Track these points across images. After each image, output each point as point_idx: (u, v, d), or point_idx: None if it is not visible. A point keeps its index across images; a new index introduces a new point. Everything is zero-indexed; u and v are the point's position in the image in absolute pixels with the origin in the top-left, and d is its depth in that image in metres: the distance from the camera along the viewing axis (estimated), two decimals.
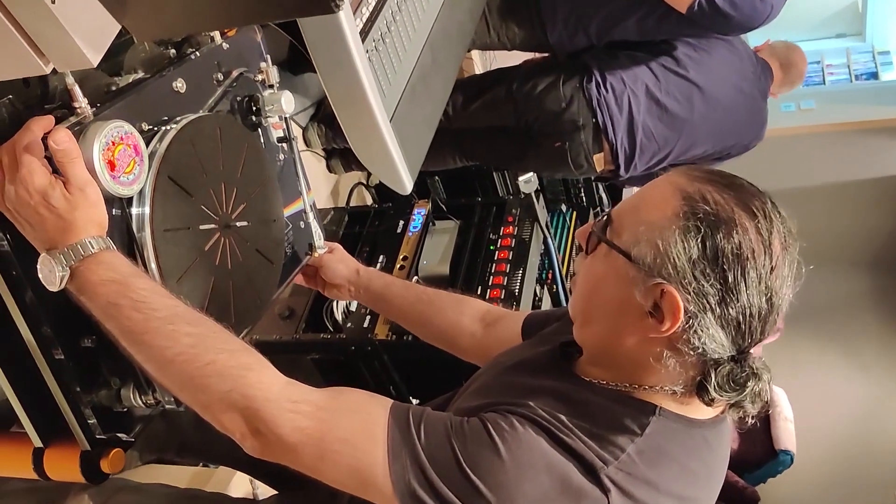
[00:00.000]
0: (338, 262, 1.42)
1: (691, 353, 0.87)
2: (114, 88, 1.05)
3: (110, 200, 0.94)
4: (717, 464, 1.00)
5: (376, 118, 1.42)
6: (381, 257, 2.13)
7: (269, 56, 1.22)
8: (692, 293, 0.85)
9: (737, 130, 2.39)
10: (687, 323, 0.85)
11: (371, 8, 1.43)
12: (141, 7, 0.77)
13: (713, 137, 2.35)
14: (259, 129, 1.22)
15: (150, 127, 1.01)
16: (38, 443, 1.07)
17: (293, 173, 1.31)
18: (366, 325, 1.97)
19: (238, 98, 1.19)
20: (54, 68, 0.79)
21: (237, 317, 1.12)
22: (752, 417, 0.91)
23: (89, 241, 0.87)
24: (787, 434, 2.67)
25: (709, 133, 2.34)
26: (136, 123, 0.98)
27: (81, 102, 0.93)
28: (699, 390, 0.89)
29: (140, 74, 1.09)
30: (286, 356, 2.09)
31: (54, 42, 0.76)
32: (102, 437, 1.04)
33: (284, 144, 1.26)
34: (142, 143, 0.96)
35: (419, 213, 2.20)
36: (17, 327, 0.96)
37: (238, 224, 1.12)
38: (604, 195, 2.92)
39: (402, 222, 2.21)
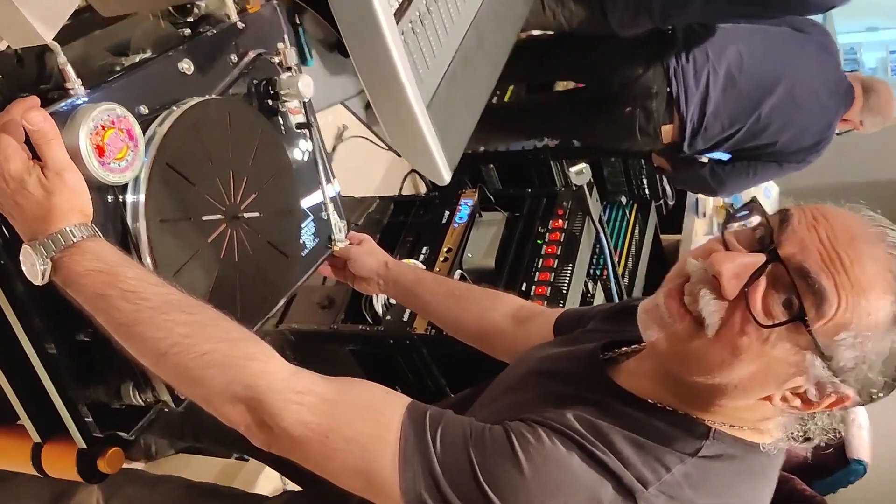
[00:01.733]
0: (366, 254, 1.35)
1: (807, 421, 0.82)
2: (118, 69, 1.00)
3: (104, 188, 0.89)
4: (768, 489, 0.89)
5: (411, 104, 1.34)
6: (425, 249, 2.05)
7: (287, 37, 1.15)
8: (863, 394, 0.77)
9: (803, 135, 2.26)
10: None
11: None
12: None
13: (779, 133, 2.23)
14: (279, 115, 1.16)
15: (150, 111, 0.95)
16: (36, 438, 1.03)
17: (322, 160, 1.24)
18: (405, 318, 1.90)
19: (255, 81, 1.12)
20: (9, 45, 0.73)
21: (243, 312, 1.06)
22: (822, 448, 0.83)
23: (70, 230, 0.82)
24: (860, 442, 2.51)
25: (778, 127, 2.21)
26: (133, 106, 0.92)
27: (74, 84, 0.88)
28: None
29: (148, 55, 1.04)
30: (324, 346, 2.04)
31: (4, 17, 0.71)
32: (100, 435, 1.00)
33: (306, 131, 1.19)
34: (136, 128, 0.90)
35: (466, 204, 2.11)
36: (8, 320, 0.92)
37: (247, 215, 1.06)
38: (668, 187, 2.79)
39: (447, 213, 2.12)
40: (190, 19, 1.12)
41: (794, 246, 0.75)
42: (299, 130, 1.18)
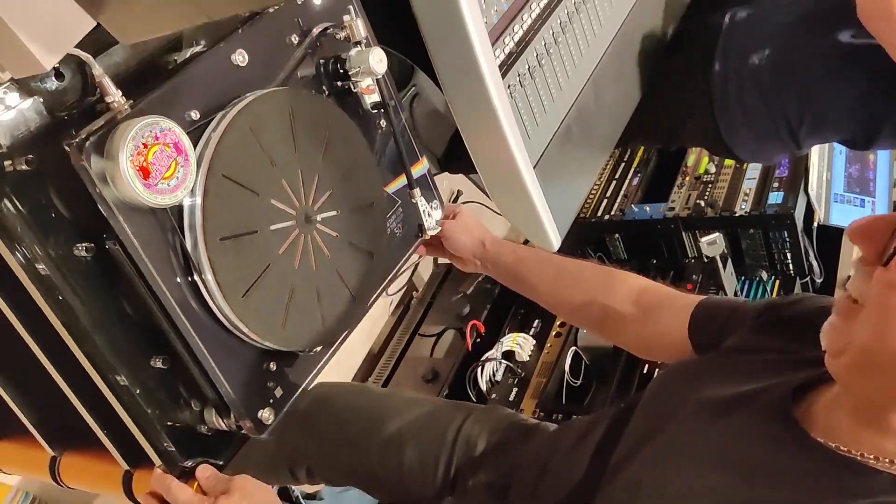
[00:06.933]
0: (461, 231, 1.22)
1: None
2: (169, 68, 0.90)
3: (156, 211, 0.80)
4: None
5: (516, 163, 1.22)
6: (537, 322, 1.92)
7: (353, 7, 1.01)
8: None
9: None
10: None
11: (517, 39, 1.22)
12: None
13: None
14: (353, 97, 1.03)
15: (203, 115, 0.85)
16: (124, 466, 0.99)
17: (403, 140, 1.11)
18: (511, 397, 1.76)
19: (321, 62, 1.00)
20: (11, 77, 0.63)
21: (326, 324, 0.97)
22: None
23: None
24: None
25: None
26: (182, 113, 0.83)
27: (114, 96, 0.79)
28: None
29: (202, 47, 0.93)
30: None
31: (2, 41, 0.61)
32: (187, 464, 0.94)
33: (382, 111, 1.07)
34: (185, 140, 0.80)
35: None
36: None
37: (322, 216, 0.95)
38: (815, 262, 2.42)
39: None
40: None
41: None
42: (375, 111, 1.05)
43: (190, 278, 0.83)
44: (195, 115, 0.84)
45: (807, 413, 0.72)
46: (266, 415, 0.92)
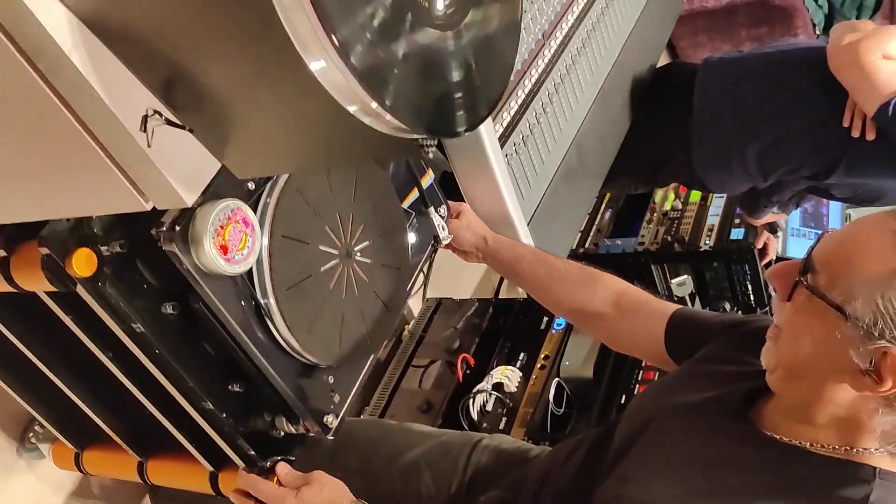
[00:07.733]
0: (464, 229, 1.38)
1: None
2: None
3: (229, 278, 0.95)
4: None
5: (513, 222, 1.41)
6: (522, 354, 2.03)
7: None
8: None
9: None
10: None
11: (513, 113, 1.40)
12: (242, 148, 0.74)
13: None
14: None
15: (256, 184, 0.99)
16: (209, 468, 1.17)
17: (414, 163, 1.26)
18: (501, 426, 1.88)
19: None
20: (154, 206, 0.78)
21: (372, 338, 1.14)
22: None
23: None
24: None
25: None
26: (242, 187, 0.96)
27: None
28: None
29: None
30: None
31: (152, 182, 0.75)
32: (266, 464, 1.12)
33: None
34: (250, 213, 0.94)
35: None
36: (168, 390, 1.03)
37: (359, 248, 1.11)
38: (774, 293, 2.56)
39: (546, 318, 2.08)
40: None
41: None
42: None
43: (263, 323, 0.99)
44: (251, 185, 0.98)
45: (758, 414, 0.94)
46: (330, 419, 1.10)
